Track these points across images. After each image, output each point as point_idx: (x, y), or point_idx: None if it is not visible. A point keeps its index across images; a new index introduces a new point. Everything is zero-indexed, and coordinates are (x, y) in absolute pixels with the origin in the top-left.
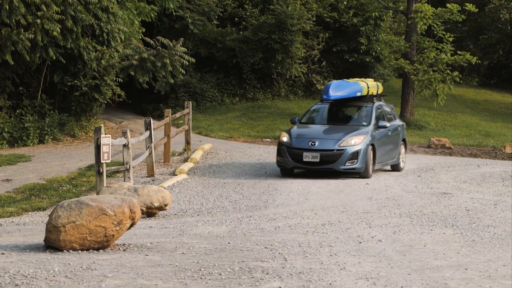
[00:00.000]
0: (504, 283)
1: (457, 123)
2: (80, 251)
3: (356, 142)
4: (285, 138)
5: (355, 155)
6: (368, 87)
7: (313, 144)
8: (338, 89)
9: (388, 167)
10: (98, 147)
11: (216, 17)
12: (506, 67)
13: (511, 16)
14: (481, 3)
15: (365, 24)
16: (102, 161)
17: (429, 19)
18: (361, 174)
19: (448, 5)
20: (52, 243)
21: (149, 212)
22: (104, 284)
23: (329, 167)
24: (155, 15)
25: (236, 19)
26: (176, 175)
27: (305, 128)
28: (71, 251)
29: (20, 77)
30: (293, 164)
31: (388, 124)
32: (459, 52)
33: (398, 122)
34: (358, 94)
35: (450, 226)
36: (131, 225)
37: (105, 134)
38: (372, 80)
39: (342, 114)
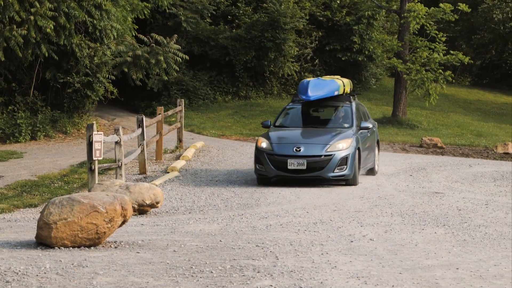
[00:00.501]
0: (495, 283)
1: (449, 123)
2: (71, 248)
3: (343, 146)
4: (264, 144)
5: (344, 161)
6: (344, 85)
7: (298, 149)
8: (317, 88)
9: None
10: (90, 144)
11: (209, 15)
12: (499, 67)
13: (504, 16)
14: (474, 3)
15: (358, 23)
16: (94, 158)
17: (422, 19)
18: (349, 181)
19: (441, 4)
20: (43, 240)
21: (141, 210)
22: (95, 281)
23: (316, 174)
24: (148, 12)
25: (229, 17)
26: (168, 172)
27: (284, 132)
28: (63, 248)
29: (13, 73)
30: (275, 172)
31: (370, 125)
32: (451, 52)
33: (372, 122)
34: (336, 93)
35: (442, 226)
36: (123, 223)
37: (97, 131)
38: (339, 77)
39: (320, 115)
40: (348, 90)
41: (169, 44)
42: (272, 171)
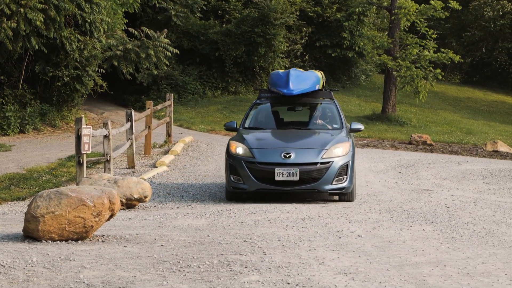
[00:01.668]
0: (482, 280)
1: (438, 120)
2: (58, 241)
3: (341, 152)
4: (240, 150)
5: (343, 170)
6: (323, 78)
7: (287, 156)
8: (299, 80)
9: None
10: (78, 138)
11: (199, 9)
12: (489, 65)
13: (495, 13)
14: (464, 1)
15: (348, 19)
16: (82, 152)
17: (412, 16)
18: (347, 196)
19: (431, 1)
20: (30, 233)
21: (129, 204)
22: (82, 275)
23: (311, 187)
24: (138, 6)
25: (219, 12)
26: (157, 167)
27: (263, 134)
28: (50, 241)
29: (2, 66)
30: (258, 186)
31: (362, 127)
32: (442, 50)
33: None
34: (317, 87)
35: (430, 223)
36: (111, 217)
37: (86, 124)
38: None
39: (298, 113)
40: (324, 83)
41: (159, 38)
42: (254, 184)
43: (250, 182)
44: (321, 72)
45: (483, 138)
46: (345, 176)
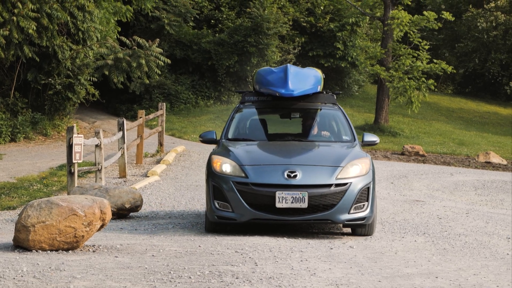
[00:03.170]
0: None
1: (431, 131)
2: (49, 251)
3: (360, 171)
4: (227, 167)
5: (364, 194)
6: (324, 78)
7: (292, 175)
8: (299, 79)
9: None
10: (70, 147)
11: (192, 18)
12: (481, 76)
13: (488, 25)
14: (457, 12)
15: (341, 29)
16: (73, 161)
17: (405, 26)
18: (366, 228)
19: (424, 12)
20: (21, 243)
21: (120, 214)
22: (73, 285)
23: (323, 217)
24: (131, 15)
25: (212, 21)
26: (148, 176)
27: (254, 147)
28: (40, 251)
29: None
30: (253, 214)
31: (378, 139)
32: (435, 61)
33: None
34: (319, 88)
35: (422, 234)
36: (102, 226)
37: (78, 133)
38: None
39: (294, 121)
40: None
41: (151, 47)
42: (247, 213)
43: (241, 210)
44: (320, 70)
45: (475, 149)
46: (366, 203)
